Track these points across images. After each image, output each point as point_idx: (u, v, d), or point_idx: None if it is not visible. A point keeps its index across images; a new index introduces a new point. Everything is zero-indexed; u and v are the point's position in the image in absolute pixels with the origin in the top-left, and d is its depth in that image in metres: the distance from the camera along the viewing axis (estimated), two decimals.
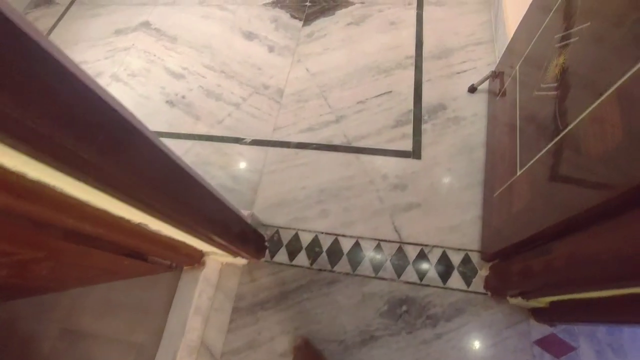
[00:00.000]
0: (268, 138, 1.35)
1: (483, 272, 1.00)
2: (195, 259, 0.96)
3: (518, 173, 0.85)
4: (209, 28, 1.72)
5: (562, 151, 0.68)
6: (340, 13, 1.64)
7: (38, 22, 1.95)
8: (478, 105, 1.30)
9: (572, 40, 0.71)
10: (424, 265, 1.05)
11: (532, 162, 0.79)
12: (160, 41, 1.72)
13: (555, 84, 0.74)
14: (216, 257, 1.01)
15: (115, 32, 1.81)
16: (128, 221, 0.62)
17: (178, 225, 0.67)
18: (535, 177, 0.77)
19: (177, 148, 1.38)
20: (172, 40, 1.72)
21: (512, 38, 1.13)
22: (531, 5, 1.00)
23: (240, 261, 1.07)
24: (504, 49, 1.29)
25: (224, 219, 0.82)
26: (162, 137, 1.43)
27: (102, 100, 0.42)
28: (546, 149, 0.72)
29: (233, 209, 0.86)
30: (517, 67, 1.01)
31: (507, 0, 1.36)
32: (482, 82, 1.29)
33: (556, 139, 0.68)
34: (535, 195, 0.75)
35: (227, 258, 1.01)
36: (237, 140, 1.37)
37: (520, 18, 1.07)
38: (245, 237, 0.96)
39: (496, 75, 1.23)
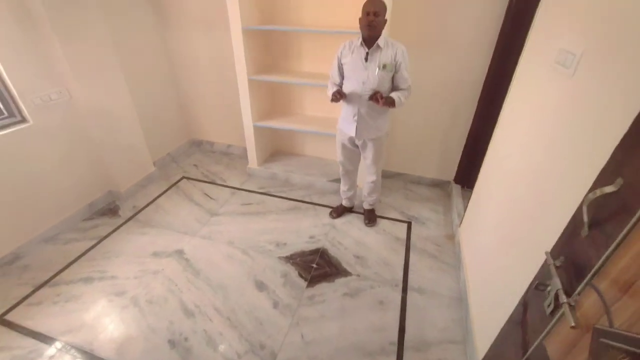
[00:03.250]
0: None
1: None
2: None
3: None
4: (229, 269, 2.06)
5: None
6: (340, 281, 1.98)
7: (97, 228, 2.39)
8: None
9: None
10: None
11: None
12: (186, 272, 2.04)
13: None
14: None
15: (152, 253, 2.17)
16: None
17: None
18: None
19: None
20: (196, 273, 2.03)
21: None
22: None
23: None
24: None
25: None
26: None
27: None
28: None
29: None
30: None
31: (473, 310, 1.67)
32: None
33: None
34: None
35: None
36: None
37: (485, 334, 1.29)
38: None
39: None
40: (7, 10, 1.85)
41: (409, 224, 2.46)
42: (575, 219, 0.84)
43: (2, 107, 1.94)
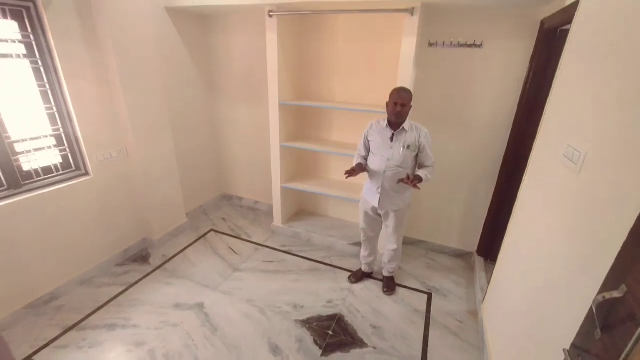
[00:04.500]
0: None
1: None
2: None
3: None
4: (246, 328, 2.07)
5: None
6: (355, 352, 1.93)
7: (128, 274, 2.53)
8: None
9: None
10: None
11: None
12: (204, 327, 2.07)
13: None
14: None
15: (175, 305, 2.25)
16: None
17: None
18: None
19: None
20: (213, 330, 2.06)
21: None
22: None
23: None
24: None
25: None
26: None
27: None
28: None
29: None
30: None
31: None
32: None
33: None
34: None
35: None
36: None
37: None
38: None
39: None
40: (92, 74, 2.23)
41: (430, 296, 2.40)
42: (589, 319, 0.86)
43: (72, 162, 2.27)
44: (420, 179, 1.92)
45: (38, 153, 2.09)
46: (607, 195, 0.96)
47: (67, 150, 2.23)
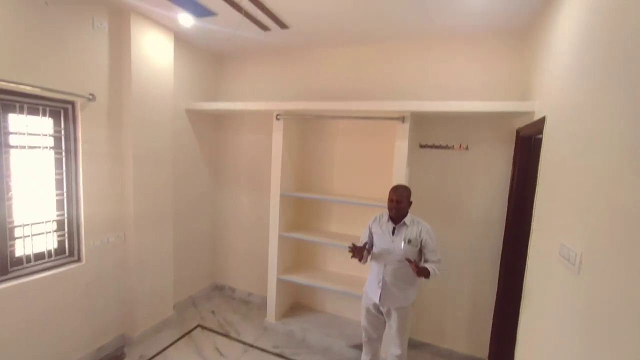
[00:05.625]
0: None
1: None
2: None
3: None
4: None
5: None
6: None
7: None
8: None
9: None
10: None
11: None
12: None
13: None
14: None
15: None
16: None
17: None
18: None
19: None
20: None
21: None
22: None
23: None
24: None
25: None
26: None
27: None
28: None
29: None
30: None
31: None
32: None
33: None
34: None
35: None
36: None
37: None
38: None
39: None
40: (107, 158, 2.35)
41: None
42: None
43: (67, 247, 2.23)
44: (427, 272, 1.87)
45: (36, 237, 2.07)
46: (611, 298, 0.94)
47: (66, 235, 2.22)
